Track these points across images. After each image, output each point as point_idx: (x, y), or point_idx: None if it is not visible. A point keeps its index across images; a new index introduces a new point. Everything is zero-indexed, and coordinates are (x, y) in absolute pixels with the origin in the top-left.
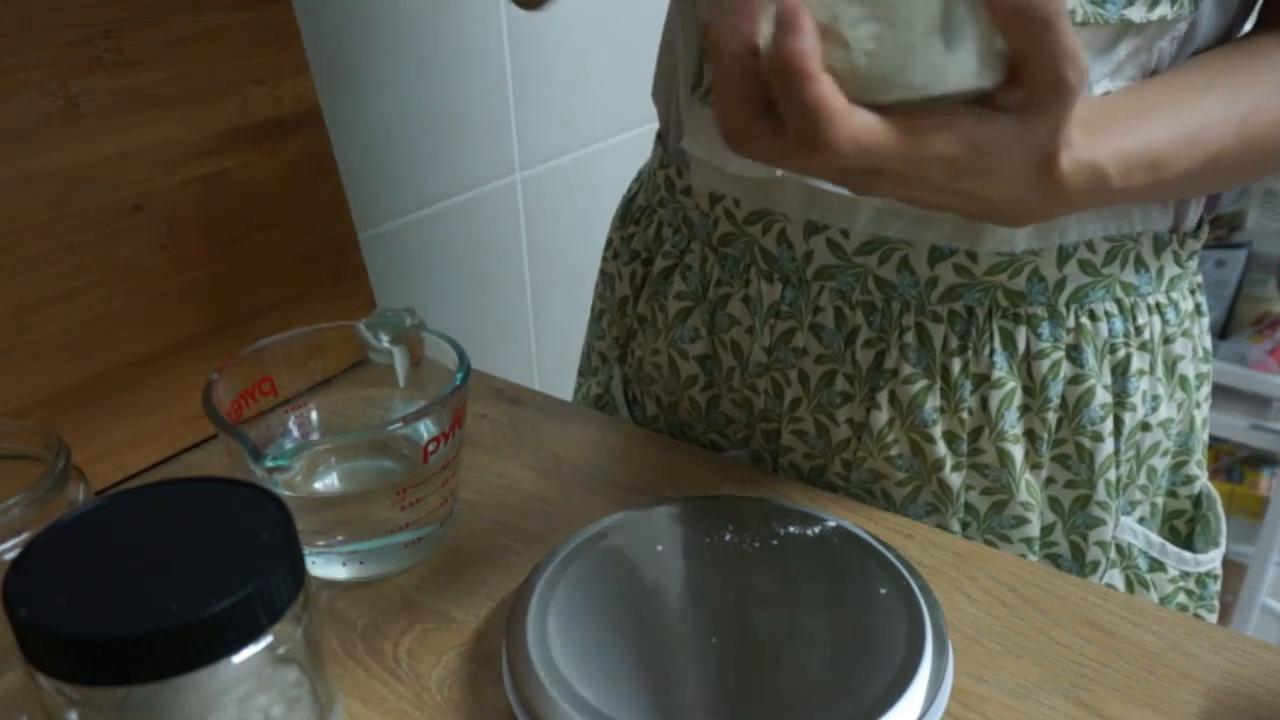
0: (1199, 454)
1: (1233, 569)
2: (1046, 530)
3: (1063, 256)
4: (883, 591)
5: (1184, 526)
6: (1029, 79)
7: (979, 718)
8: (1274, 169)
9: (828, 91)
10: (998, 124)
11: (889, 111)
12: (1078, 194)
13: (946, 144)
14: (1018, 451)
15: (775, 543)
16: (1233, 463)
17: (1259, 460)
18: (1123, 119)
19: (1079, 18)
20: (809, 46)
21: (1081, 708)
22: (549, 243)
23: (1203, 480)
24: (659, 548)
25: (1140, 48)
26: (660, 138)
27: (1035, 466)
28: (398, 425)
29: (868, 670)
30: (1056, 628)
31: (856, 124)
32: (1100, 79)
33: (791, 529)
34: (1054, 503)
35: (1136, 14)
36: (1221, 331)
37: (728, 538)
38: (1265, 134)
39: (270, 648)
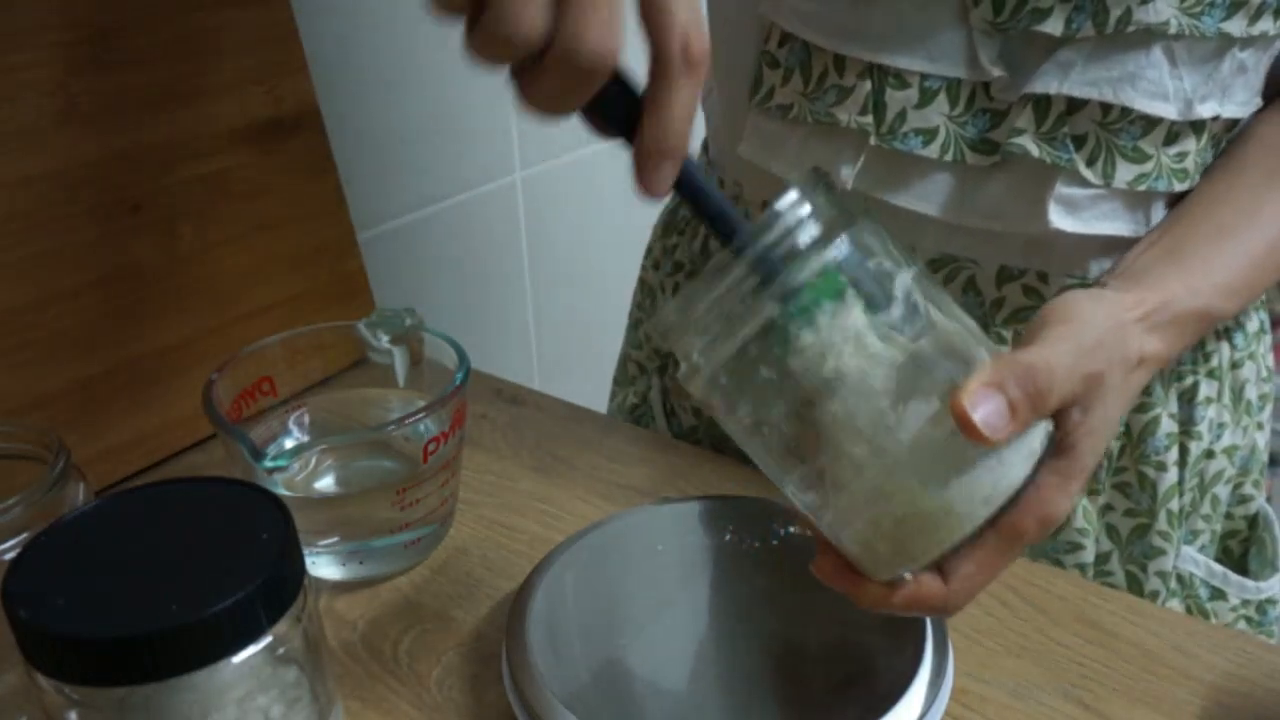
0: (1256, 474)
1: None
2: (1102, 558)
3: None
4: None
5: (1238, 547)
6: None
7: (979, 718)
8: None
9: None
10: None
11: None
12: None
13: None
14: None
15: (775, 543)
16: None
17: None
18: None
19: (1173, 29)
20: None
21: (1081, 708)
22: (549, 243)
23: (1260, 501)
24: (659, 548)
25: (1246, 66)
26: (705, 146)
27: (1093, 493)
28: (398, 425)
29: (868, 670)
30: (1056, 628)
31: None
32: (1206, 99)
33: (792, 529)
34: (1111, 530)
35: (1236, 27)
36: None
37: (728, 538)
38: None
39: (270, 648)
